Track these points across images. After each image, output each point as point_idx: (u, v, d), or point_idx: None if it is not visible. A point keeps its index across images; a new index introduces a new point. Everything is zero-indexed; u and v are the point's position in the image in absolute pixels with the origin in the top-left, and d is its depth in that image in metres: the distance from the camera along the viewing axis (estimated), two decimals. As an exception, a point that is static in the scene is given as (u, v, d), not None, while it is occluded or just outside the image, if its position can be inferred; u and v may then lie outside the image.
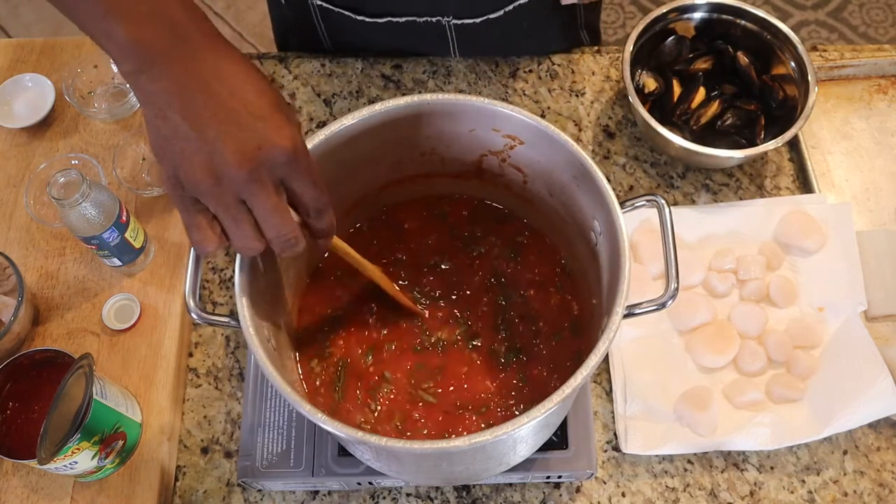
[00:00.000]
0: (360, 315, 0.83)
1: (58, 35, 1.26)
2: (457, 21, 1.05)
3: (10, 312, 0.89)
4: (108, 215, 0.88)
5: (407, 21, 1.05)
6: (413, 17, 1.05)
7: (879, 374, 0.88)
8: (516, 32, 1.09)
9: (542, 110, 1.10)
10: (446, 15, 1.04)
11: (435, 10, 1.04)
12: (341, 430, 0.61)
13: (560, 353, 0.80)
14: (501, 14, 1.04)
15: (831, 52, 1.12)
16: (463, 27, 1.06)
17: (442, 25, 1.06)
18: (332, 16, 1.07)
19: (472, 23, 1.05)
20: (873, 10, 2.32)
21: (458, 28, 1.06)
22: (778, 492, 0.88)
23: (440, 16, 1.04)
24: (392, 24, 1.06)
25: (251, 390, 0.87)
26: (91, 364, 0.78)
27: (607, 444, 0.90)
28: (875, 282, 0.96)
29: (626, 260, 0.66)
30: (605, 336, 0.63)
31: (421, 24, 1.06)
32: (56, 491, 0.86)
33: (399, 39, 1.10)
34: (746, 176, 1.05)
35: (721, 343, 0.92)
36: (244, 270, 0.67)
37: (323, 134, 0.71)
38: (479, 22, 1.05)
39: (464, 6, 1.04)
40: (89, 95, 1.08)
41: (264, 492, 0.88)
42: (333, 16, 1.07)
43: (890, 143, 1.07)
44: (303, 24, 1.11)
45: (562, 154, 0.72)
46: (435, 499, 0.88)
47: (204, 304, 0.99)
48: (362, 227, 0.88)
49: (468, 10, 1.04)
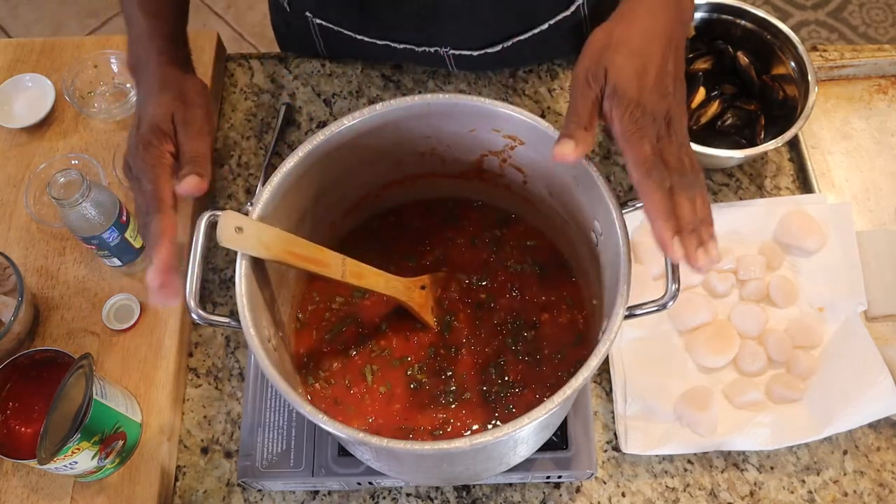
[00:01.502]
0: (359, 315, 0.83)
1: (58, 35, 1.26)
2: (454, 52, 1.05)
3: (10, 312, 0.89)
4: (108, 215, 0.88)
5: (405, 48, 1.05)
6: (412, 45, 1.05)
7: (879, 374, 0.88)
8: (516, 59, 1.09)
9: (542, 110, 1.10)
10: (444, 46, 1.04)
11: (432, 41, 1.04)
12: (341, 430, 0.61)
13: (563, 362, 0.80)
14: (500, 49, 1.04)
15: (831, 52, 1.12)
16: (461, 57, 1.06)
17: (440, 55, 1.06)
18: (330, 33, 1.07)
19: (470, 54, 1.05)
20: (873, 10, 2.32)
21: (457, 57, 1.06)
22: (778, 492, 0.88)
23: (438, 46, 1.04)
24: (390, 48, 1.06)
25: (251, 390, 0.87)
26: (91, 364, 0.78)
27: (607, 444, 0.90)
28: (875, 282, 0.96)
29: (626, 260, 0.66)
30: (606, 337, 0.63)
31: (419, 52, 1.06)
32: (56, 491, 0.86)
33: (397, 60, 1.11)
34: (746, 176, 1.05)
35: (721, 343, 0.92)
36: (245, 271, 0.67)
37: (323, 134, 0.71)
38: (476, 55, 1.05)
39: (461, 41, 1.03)
40: (89, 95, 1.08)
41: (264, 492, 0.88)
42: (332, 34, 1.07)
43: (890, 143, 1.07)
44: (302, 37, 1.11)
45: (562, 154, 0.72)
46: (435, 499, 0.88)
47: (204, 304, 0.99)
48: (363, 227, 0.88)
49: (466, 43, 1.04)
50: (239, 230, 0.65)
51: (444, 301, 0.83)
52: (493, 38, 1.03)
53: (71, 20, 2.37)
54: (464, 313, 0.82)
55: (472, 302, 0.83)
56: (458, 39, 1.03)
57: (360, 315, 0.83)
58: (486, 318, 0.82)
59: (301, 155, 0.71)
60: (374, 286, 0.76)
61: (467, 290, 0.84)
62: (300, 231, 0.76)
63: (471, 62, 1.07)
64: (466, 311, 0.83)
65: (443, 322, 0.82)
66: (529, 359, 0.80)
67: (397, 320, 0.82)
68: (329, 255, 0.72)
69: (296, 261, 0.70)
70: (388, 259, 0.85)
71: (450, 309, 0.83)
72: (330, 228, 0.84)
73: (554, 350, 0.80)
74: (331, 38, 1.08)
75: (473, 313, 0.82)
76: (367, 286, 0.76)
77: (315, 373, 0.79)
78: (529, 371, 0.79)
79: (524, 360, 0.80)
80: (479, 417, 0.77)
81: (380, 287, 0.77)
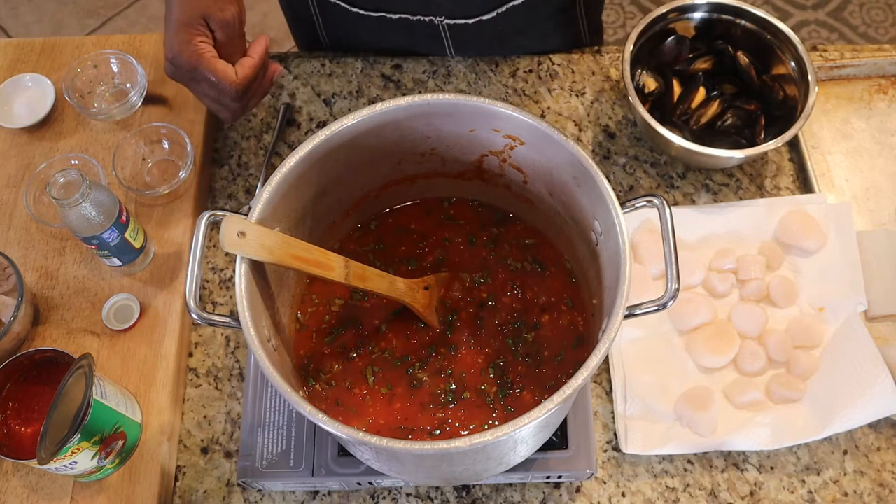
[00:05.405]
0: (359, 316, 0.83)
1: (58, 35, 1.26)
2: (449, 21, 1.05)
3: (10, 312, 0.89)
4: (108, 215, 0.88)
5: (400, 18, 1.05)
6: (406, 14, 1.05)
7: (879, 374, 0.88)
8: (511, 32, 1.08)
9: (542, 110, 1.10)
10: (438, 15, 1.04)
11: (427, 9, 1.04)
12: (341, 430, 0.61)
13: (563, 364, 0.80)
14: (494, 15, 1.04)
15: (831, 52, 1.12)
16: (456, 27, 1.06)
17: (435, 25, 1.06)
18: (328, 8, 1.07)
19: (465, 23, 1.05)
20: (873, 10, 2.32)
21: (452, 28, 1.06)
22: (778, 492, 0.88)
23: (432, 15, 1.04)
24: (386, 19, 1.06)
25: (251, 390, 0.87)
26: (91, 364, 0.78)
27: (607, 444, 0.90)
28: (875, 282, 0.96)
29: (626, 260, 0.66)
30: (606, 337, 0.63)
31: (414, 22, 1.06)
32: (56, 491, 0.86)
33: (394, 38, 1.10)
34: (746, 176, 1.05)
35: (721, 343, 0.92)
36: (244, 271, 0.67)
37: (323, 134, 0.71)
38: (471, 23, 1.05)
39: (455, 7, 1.03)
40: (89, 95, 1.08)
41: (264, 492, 0.88)
42: (329, 7, 1.07)
43: (890, 143, 1.07)
44: (303, 18, 1.12)
45: (562, 154, 0.72)
46: (435, 499, 0.88)
47: (204, 304, 0.99)
48: (363, 227, 0.88)
49: (460, 10, 1.04)
50: (241, 235, 0.66)
51: (445, 301, 0.83)
52: (486, 2, 1.03)
53: (71, 20, 2.37)
54: (465, 312, 0.83)
55: (473, 301, 0.83)
56: (453, 3, 1.03)
57: (360, 316, 0.83)
58: (487, 317, 0.82)
59: (301, 155, 0.71)
60: (377, 288, 0.76)
61: (468, 289, 0.84)
62: (300, 231, 0.76)
63: (466, 34, 1.07)
64: (468, 311, 0.83)
65: (445, 322, 0.82)
66: (530, 360, 0.80)
67: (397, 320, 0.82)
68: (332, 258, 0.72)
69: (299, 264, 0.70)
70: (388, 259, 0.85)
71: (451, 308, 0.83)
72: (330, 228, 0.84)
73: (554, 352, 0.80)
74: (328, 13, 1.09)
75: (475, 313, 0.82)
76: (370, 289, 0.76)
77: (316, 374, 0.79)
78: (529, 372, 0.79)
79: (524, 361, 0.80)
80: (479, 417, 0.77)
81: (383, 289, 0.77)
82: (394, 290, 0.77)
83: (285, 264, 0.69)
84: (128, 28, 2.36)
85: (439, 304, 0.83)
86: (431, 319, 0.81)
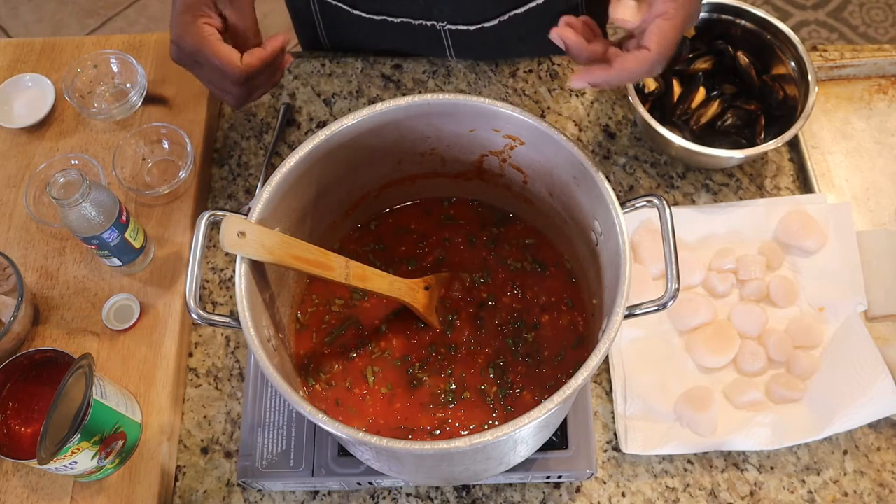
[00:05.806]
0: (359, 317, 0.83)
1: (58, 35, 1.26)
2: (451, 26, 1.05)
3: (10, 312, 0.89)
4: (108, 215, 0.88)
5: (402, 22, 1.05)
6: (408, 18, 1.05)
7: (879, 374, 0.88)
8: (513, 39, 1.08)
9: (542, 110, 1.10)
10: (440, 20, 1.04)
11: (429, 14, 1.04)
12: (341, 430, 0.61)
13: (563, 364, 0.80)
14: (496, 23, 1.04)
15: (831, 52, 1.12)
16: (457, 32, 1.06)
17: (437, 30, 1.06)
18: (329, 10, 1.07)
19: (467, 29, 1.05)
20: (873, 10, 2.32)
21: (453, 33, 1.06)
22: (778, 492, 0.88)
23: (434, 20, 1.04)
24: (388, 23, 1.06)
25: (251, 390, 0.87)
26: (91, 364, 0.78)
27: (607, 444, 0.90)
28: (875, 282, 0.96)
29: (626, 260, 0.66)
30: (606, 337, 0.63)
31: (416, 27, 1.06)
32: (56, 491, 0.86)
33: (396, 40, 1.10)
34: (746, 176, 1.05)
35: (721, 343, 0.92)
36: (244, 271, 0.67)
37: (323, 134, 0.71)
38: (473, 29, 1.05)
39: (457, 13, 1.03)
40: (89, 95, 1.08)
41: (264, 492, 0.88)
42: (330, 9, 1.07)
43: (890, 143, 1.07)
44: (304, 19, 1.12)
45: (562, 154, 0.72)
46: (435, 499, 0.88)
47: (204, 304, 0.99)
48: (363, 227, 0.88)
49: (462, 17, 1.04)
50: (241, 235, 0.66)
51: (445, 301, 0.83)
52: (489, 10, 1.03)
53: (71, 20, 2.37)
54: (465, 312, 0.83)
55: (473, 301, 0.83)
56: (454, 10, 1.03)
57: (360, 316, 0.83)
58: (487, 317, 0.82)
59: (301, 155, 0.71)
60: (377, 288, 0.76)
61: (468, 289, 0.84)
62: (300, 231, 0.76)
63: (468, 39, 1.07)
64: (468, 311, 0.83)
65: (445, 322, 0.82)
66: (530, 360, 0.80)
67: (397, 320, 0.82)
68: (332, 259, 0.72)
69: (299, 264, 0.70)
70: (388, 259, 0.85)
71: (451, 308, 0.83)
72: (330, 228, 0.84)
73: (554, 352, 0.80)
74: (329, 14, 1.09)
75: (475, 312, 0.83)
76: (370, 289, 0.76)
77: (316, 374, 0.79)
78: (529, 372, 0.79)
79: (524, 361, 0.80)
80: (479, 417, 0.77)
81: (384, 289, 0.77)
82: (394, 290, 0.77)
83: (285, 264, 0.69)
84: (128, 28, 2.36)
85: (439, 304, 0.83)
86: (431, 319, 0.81)
